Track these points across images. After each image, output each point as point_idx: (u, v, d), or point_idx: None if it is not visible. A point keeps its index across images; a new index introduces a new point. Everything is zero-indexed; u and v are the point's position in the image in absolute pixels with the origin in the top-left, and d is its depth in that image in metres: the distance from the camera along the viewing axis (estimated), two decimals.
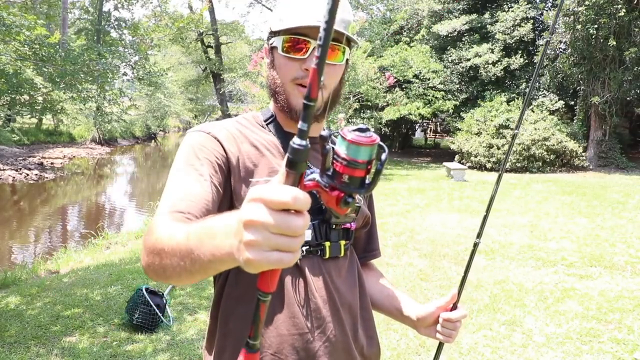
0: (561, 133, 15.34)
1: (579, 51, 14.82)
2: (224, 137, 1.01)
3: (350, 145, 0.62)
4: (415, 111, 17.10)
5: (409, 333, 3.58)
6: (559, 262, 5.43)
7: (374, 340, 1.15)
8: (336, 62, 1.00)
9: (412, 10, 20.13)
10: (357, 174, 0.63)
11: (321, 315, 1.00)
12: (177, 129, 46.52)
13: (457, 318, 1.10)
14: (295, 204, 0.51)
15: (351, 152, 0.62)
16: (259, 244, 0.52)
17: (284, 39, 0.99)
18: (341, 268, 1.06)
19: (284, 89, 1.02)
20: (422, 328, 1.16)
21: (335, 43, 0.98)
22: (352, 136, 0.63)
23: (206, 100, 39.89)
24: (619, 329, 3.73)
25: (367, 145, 0.62)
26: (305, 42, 0.97)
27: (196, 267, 0.67)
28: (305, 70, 0.98)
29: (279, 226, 0.51)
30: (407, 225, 7.28)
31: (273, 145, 1.06)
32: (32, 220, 10.37)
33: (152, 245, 0.77)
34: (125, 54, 15.59)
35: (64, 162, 19.31)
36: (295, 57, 0.98)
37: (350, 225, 1.06)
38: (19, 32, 7.70)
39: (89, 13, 25.99)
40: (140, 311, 3.62)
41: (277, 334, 0.98)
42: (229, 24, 29.56)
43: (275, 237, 0.52)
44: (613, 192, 10.45)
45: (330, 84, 1.02)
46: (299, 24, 0.96)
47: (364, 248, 1.26)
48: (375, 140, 0.63)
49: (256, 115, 1.13)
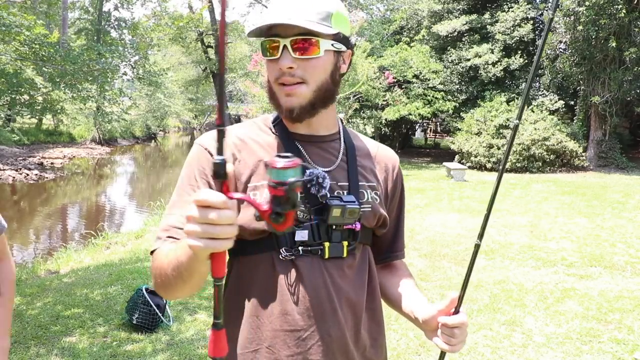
0: (561, 133, 15.34)
1: (579, 51, 14.82)
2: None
3: (270, 169, 0.73)
4: (415, 111, 17.10)
5: (409, 333, 3.58)
6: (559, 262, 5.43)
7: (377, 342, 1.14)
8: (311, 56, 0.99)
9: (412, 11, 20.14)
10: (278, 193, 0.73)
11: (316, 314, 1.00)
12: (177, 128, 46.52)
13: (454, 324, 1.02)
14: (209, 203, 0.71)
15: (272, 175, 0.73)
16: (194, 232, 0.72)
17: (262, 44, 1.02)
18: (345, 268, 1.05)
19: (273, 90, 1.04)
20: (428, 332, 1.10)
21: (305, 37, 0.98)
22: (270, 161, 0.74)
23: (206, 100, 39.89)
24: (619, 329, 3.73)
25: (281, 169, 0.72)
26: (275, 43, 0.99)
27: (184, 273, 0.88)
28: (280, 69, 1.00)
29: (202, 217, 0.71)
30: (407, 225, 7.20)
31: (273, 147, 1.07)
32: (32, 220, 10.37)
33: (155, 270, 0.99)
34: (125, 53, 15.59)
35: (64, 162, 19.31)
36: (272, 58, 1.01)
37: (354, 226, 1.05)
38: (19, 33, 7.71)
39: (89, 13, 26.02)
40: (140, 311, 3.62)
41: (272, 329, 1.00)
42: (229, 24, 29.50)
43: (204, 226, 0.71)
44: (613, 192, 10.45)
45: (313, 79, 1.01)
46: (261, 24, 0.99)
47: (388, 248, 1.25)
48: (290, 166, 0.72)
49: (267, 117, 1.14)
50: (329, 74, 1.03)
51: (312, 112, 1.04)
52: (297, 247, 1.00)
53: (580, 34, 14.35)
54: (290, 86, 1.00)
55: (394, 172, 1.21)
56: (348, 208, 1.00)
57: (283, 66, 0.98)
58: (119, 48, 14.85)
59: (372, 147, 1.20)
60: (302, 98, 1.01)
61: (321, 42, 0.99)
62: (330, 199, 1.01)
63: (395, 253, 1.26)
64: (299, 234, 1.00)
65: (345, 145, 1.12)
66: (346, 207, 1.00)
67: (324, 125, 1.11)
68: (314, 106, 1.02)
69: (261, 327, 1.01)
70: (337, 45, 1.03)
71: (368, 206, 1.09)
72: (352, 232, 1.05)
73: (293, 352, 1.00)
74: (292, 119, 1.03)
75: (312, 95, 1.01)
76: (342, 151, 1.11)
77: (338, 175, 1.07)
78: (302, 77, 0.99)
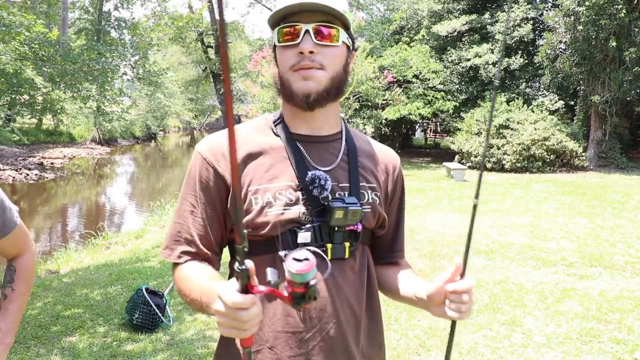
0: (561, 133, 15.34)
1: (579, 51, 14.82)
2: (217, 159, 1.05)
3: (290, 272, 0.78)
4: (415, 111, 17.10)
5: (408, 333, 3.58)
6: (559, 262, 5.43)
7: (376, 341, 1.15)
8: (331, 43, 1.01)
9: (412, 11, 20.14)
10: (298, 290, 0.79)
11: (318, 315, 1.01)
12: (177, 128, 46.52)
13: (463, 289, 0.98)
14: (238, 305, 0.75)
15: (291, 277, 0.78)
16: (222, 324, 0.79)
17: (278, 31, 1.02)
18: (346, 269, 1.06)
19: (286, 79, 1.03)
20: (434, 308, 1.05)
21: (326, 23, 1.00)
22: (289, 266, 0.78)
23: (206, 100, 39.90)
24: (619, 329, 3.73)
25: (297, 274, 0.77)
26: (296, 28, 0.99)
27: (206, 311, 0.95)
28: (300, 53, 0.99)
29: (231, 317, 0.76)
30: (407, 225, 7.18)
31: (275, 149, 1.06)
32: (32, 220, 10.37)
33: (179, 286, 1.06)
34: (125, 52, 15.59)
35: (64, 162, 19.31)
36: (290, 44, 1.01)
37: (356, 227, 1.05)
38: (19, 33, 7.71)
39: (89, 13, 26.01)
40: (140, 311, 3.62)
41: (273, 330, 1.00)
42: (229, 24, 29.49)
43: (231, 321, 0.77)
44: (613, 192, 10.45)
45: (331, 66, 1.02)
46: (286, 4, 0.99)
47: (388, 249, 1.25)
48: (306, 270, 0.77)
49: (267, 117, 1.14)
50: (342, 66, 1.05)
51: (326, 100, 1.03)
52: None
53: (580, 34, 14.35)
54: (309, 70, 1.00)
55: (395, 173, 1.21)
56: (350, 210, 1.00)
57: (305, 49, 0.98)
58: (119, 48, 14.86)
59: (374, 147, 1.20)
60: (319, 83, 1.01)
61: (340, 32, 1.02)
62: (333, 201, 1.01)
63: (395, 254, 1.26)
64: (302, 235, 1.00)
65: (346, 145, 1.12)
66: (348, 208, 1.00)
67: (327, 125, 1.10)
68: (328, 93, 1.03)
69: (263, 328, 1.01)
70: (349, 40, 1.05)
71: (368, 207, 1.10)
72: (353, 233, 1.06)
73: (295, 353, 1.00)
74: (307, 104, 1.02)
75: (329, 82, 1.02)
76: (343, 151, 1.11)
77: (339, 176, 1.07)
78: (321, 63, 1.00)
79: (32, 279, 1.49)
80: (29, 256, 1.46)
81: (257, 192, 1.01)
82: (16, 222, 1.37)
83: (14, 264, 1.43)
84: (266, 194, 1.01)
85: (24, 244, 1.44)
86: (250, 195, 1.01)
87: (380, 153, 1.20)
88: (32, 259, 1.47)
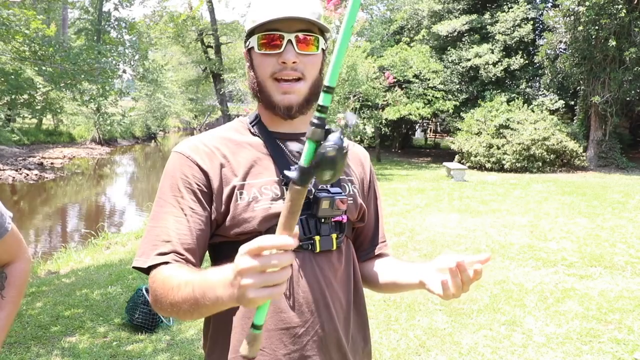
0: (561, 133, 15.35)
1: (580, 51, 14.82)
2: (201, 156, 1.03)
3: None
4: (415, 111, 17.10)
5: (409, 333, 3.58)
6: (559, 262, 5.43)
7: (362, 334, 1.16)
8: (312, 52, 1.02)
9: (412, 11, 20.14)
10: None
11: (310, 309, 1.01)
12: (177, 129, 46.51)
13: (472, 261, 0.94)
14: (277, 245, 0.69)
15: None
16: (251, 285, 0.69)
17: (259, 37, 1.02)
18: (334, 262, 1.07)
19: (265, 86, 1.04)
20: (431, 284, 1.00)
21: (307, 33, 1.01)
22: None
23: (206, 100, 39.87)
24: (619, 329, 3.72)
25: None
26: (279, 36, 1.00)
27: (203, 310, 0.84)
28: (282, 63, 1.00)
29: (264, 265, 0.69)
30: (407, 225, 7.28)
31: (256, 146, 1.07)
32: (32, 220, 10.37)
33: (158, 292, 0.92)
34: (125, 52, 15.59)
35: (64, 162, 19.31)
36: (271, 53, 1.01)
37: (342, 218, 1.07)
38: (18, 32, 7.71)
39: (89, 13, 26.00)
40: (140, 311, 3.62)
41: (265, 329, 0.98)
42: (229, 24, 29.51)
43: (265, 276, 0.69)
44: (613, 192, 10.45)
45: (310, 75, 1.04)
46: (270, 18, 0.98)
47: (370, 242, 1.26)
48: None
49: (243, 119, 1.15)
50: (319, 72, 1.07)
51: (307, 108, 1.06)
52: None
53: (581, 34, 14.35)
54: (289, 83, 1.02)
55: (367, 166, 1.25)
56: (336, 199, 1.02)
57: (288, 60, 0.99)
58: (118, 48, 14.85)
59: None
60: (300, 95, 1.03)
61: (320, 39, 1.03)
62: (318, 192, 1.02)
63: (378, 244, 1.27)
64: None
65: None
66: (334, 198, 1.01)
67: (304, 124, 1.10)
68: (308, 102, 1.05)
69: None
70: (325, 45, 1.07)
71: (350, 199, 1.11)
72: (339, 225, 1.07)
73: (290, 350, 1.00)
74: (289, 116, 1.04)
75: (308, 91, 1.04)
76: None
77: None
78: (302, 72, 1.02)
79: (24, 287, 1.45)
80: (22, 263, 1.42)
81: (243, 188, 1.02)
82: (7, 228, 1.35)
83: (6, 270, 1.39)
84: (252, 189, 1.02)
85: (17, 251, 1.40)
86: (236, 190, 1.01)
87: (351, 148, 1.22)
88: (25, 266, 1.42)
